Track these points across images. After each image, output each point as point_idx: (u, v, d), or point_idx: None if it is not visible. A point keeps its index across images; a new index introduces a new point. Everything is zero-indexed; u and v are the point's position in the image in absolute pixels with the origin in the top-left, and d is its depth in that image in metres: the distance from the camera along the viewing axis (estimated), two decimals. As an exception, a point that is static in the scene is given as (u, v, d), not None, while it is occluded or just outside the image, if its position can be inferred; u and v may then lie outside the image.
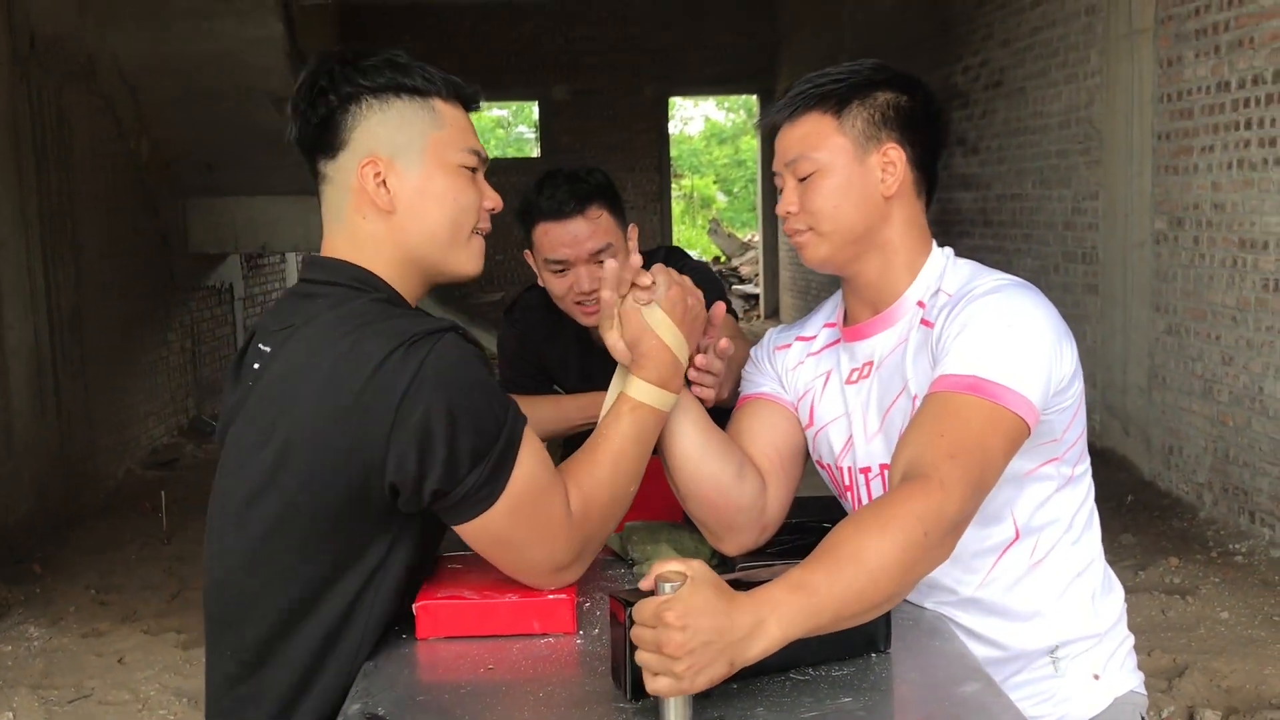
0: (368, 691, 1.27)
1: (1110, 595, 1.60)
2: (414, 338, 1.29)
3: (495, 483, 1.32)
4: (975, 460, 1.31)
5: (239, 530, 1.39)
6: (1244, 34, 4.94)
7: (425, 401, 1.28)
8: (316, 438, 1.31)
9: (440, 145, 1.45)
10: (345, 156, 1.43)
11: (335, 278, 1.42)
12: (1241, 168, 5.00)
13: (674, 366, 1.48)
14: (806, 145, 1.51)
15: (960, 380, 1.38)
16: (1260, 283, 4.91)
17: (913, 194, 1.54)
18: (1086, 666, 1.55)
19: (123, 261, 7.04)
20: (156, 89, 7.01)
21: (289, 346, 1.36)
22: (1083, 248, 6.55)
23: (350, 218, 1.44)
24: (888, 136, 1.51)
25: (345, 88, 1.42)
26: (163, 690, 3.94)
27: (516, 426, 1.35)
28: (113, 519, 6.07)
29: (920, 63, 9.11)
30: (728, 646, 1.12)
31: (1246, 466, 5.07)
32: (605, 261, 1.55)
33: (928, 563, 1.26)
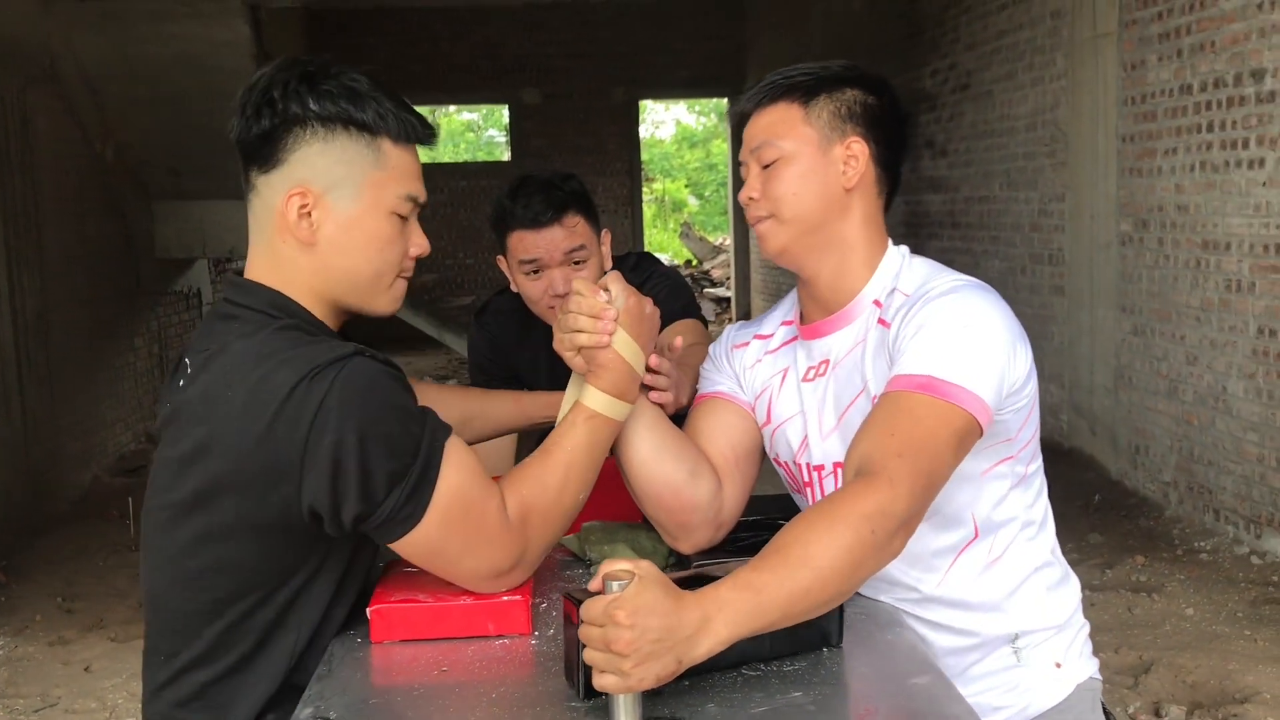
0: (321, 695, 1.26)
1: (1067, 585, 1.62)
2: (317, 368, 1.29)
3: (417, 501, 1.33)
4: (924, 458, 1.32)
5: (170, 549, 1.39)
6: (1205, 38, 5.00)
7: (333, 430, 1.28)
8: (235, 469, 1.32)
9: (378, 187, 1.42)
10: (277, 176, 1.41)
11: (251, 302, 1.41)
12: (1204, 170, 5.05)
13: (630, 376, 1.49)
14: (772, 132, 1.54)
15: (913, 380, 1.39)
16: (1223, 283, 4.96)
17: (873, 191, 1.56)
18: (1048, 655, 1.57)
19: (89, 266, 6.98)
20: (121, 92, 6.95)
21: (207, 372, 1.36)
22: (1049, 249, 6.60)
23: (272, 238, 1.42)
24: (852, 130, 1.54)
25: (293, 107, 1.39)
26: (130, 698, 3.91)
27: (435, 442, 1.35)
28: (79, 526, 6.02)
29: (888, 66, 9.15)
30: (675, 645, 1.13)
31: (1211, 465, 5.12)
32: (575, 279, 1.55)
33: (875, 560, 1.26)
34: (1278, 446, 4.65)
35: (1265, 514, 4.76)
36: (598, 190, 13.77)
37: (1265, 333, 4.70)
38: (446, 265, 13.50)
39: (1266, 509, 4.74)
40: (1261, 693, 3.56)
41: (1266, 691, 3.56)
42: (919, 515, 1.32)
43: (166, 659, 1.42)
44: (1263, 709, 3.46)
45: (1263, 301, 4.70)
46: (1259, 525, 4.80)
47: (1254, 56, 4.66)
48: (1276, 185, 4.56)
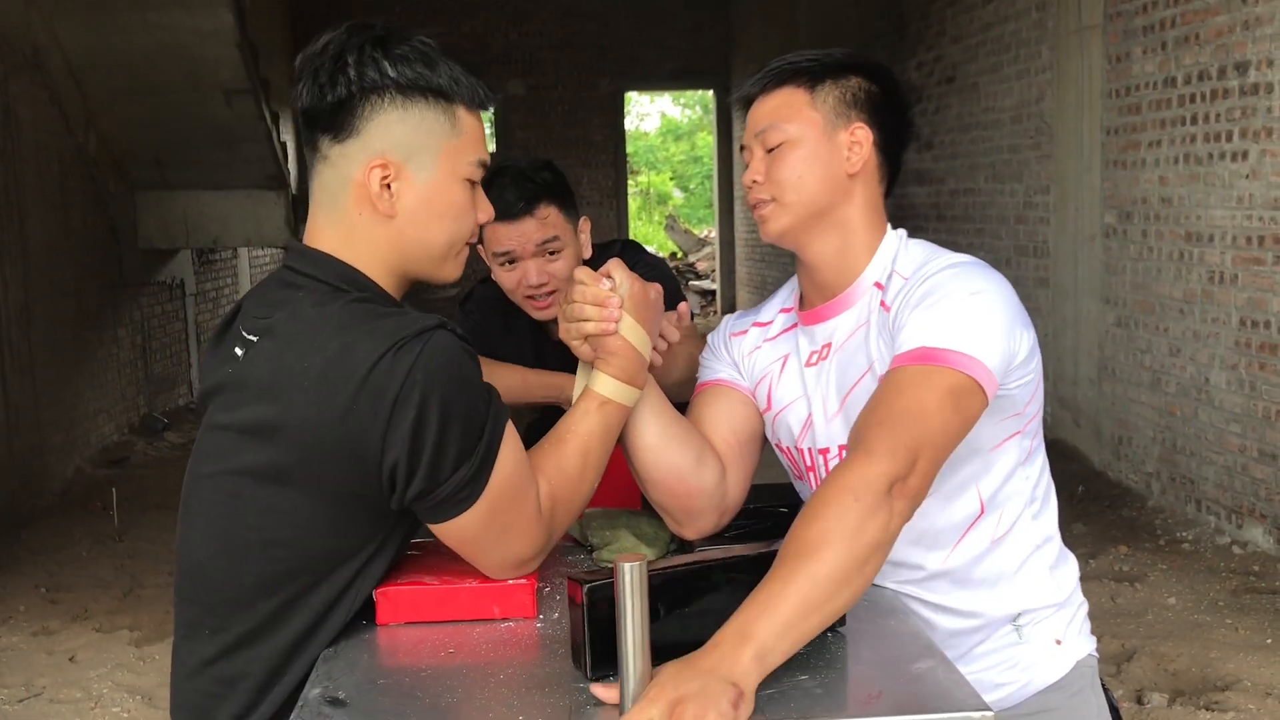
0: (328, 675, 1.26)
1: (1066, 565, 1.63)
2: (403, 340, 1.27)
3: (476, 484, 1.32)
4: (905, 420, 1.32)
5: (228, 520, 1.36)
6: (1189, 30, 5.03)
7: (417, 404, 1.26)
8: (312, 442, 1.28)
9: (453, 155, 1.40)
10: (354, 146, 1.37)
11: (320, 273, 1.38)
12: (1188, 162, 5.09)
13: (638, 361, 1.49)
14: (778, 116, 1.55)
15: (908, 355, 1.40)
16: (1206, 275, 5.00)
17: (875, 177, 1.57)
18: (1049, 632, 1.58)
19: (72, 257, 6.94)
20: (104, 81, 6.91)
21: (275, 341, 1.32)
22: (1034, 241, 6.63)
23: (347, 209, 1.39)
24: (857, 117, 1.55)
25: (371, 74, 1.35)
26: (115, 688, 3.90)
27: (499, 424, 1.34)
28: (63, 517, 5.99)
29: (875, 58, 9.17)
30: (708, 675, 1.12)
31: (1193, 456, 5.17)
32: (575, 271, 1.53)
33: (874, 525, 1.24)
34: (1259, 437, 4.70)
35: (1247, 504, 4.80)
36: (583, 182, 13.75)
37: (1247, 324, 4.74)
38: (430, 257, 13.45)
39: (1248, 499, 4.79)
40: (1242, 680, 3.60)
41: (1247, 679, 3.60)
42: (914, 475, 1.29)
43: (213, 633, 1.38)
44: (1243, 696, 3.49)
45: (1245, 293, 4.74)
46: (1240, 515, 4.85)
47: (1238, 49, 4.70)
48: (1259, 177, 4.60)
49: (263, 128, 7.36)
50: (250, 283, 10.81)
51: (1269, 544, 4.67)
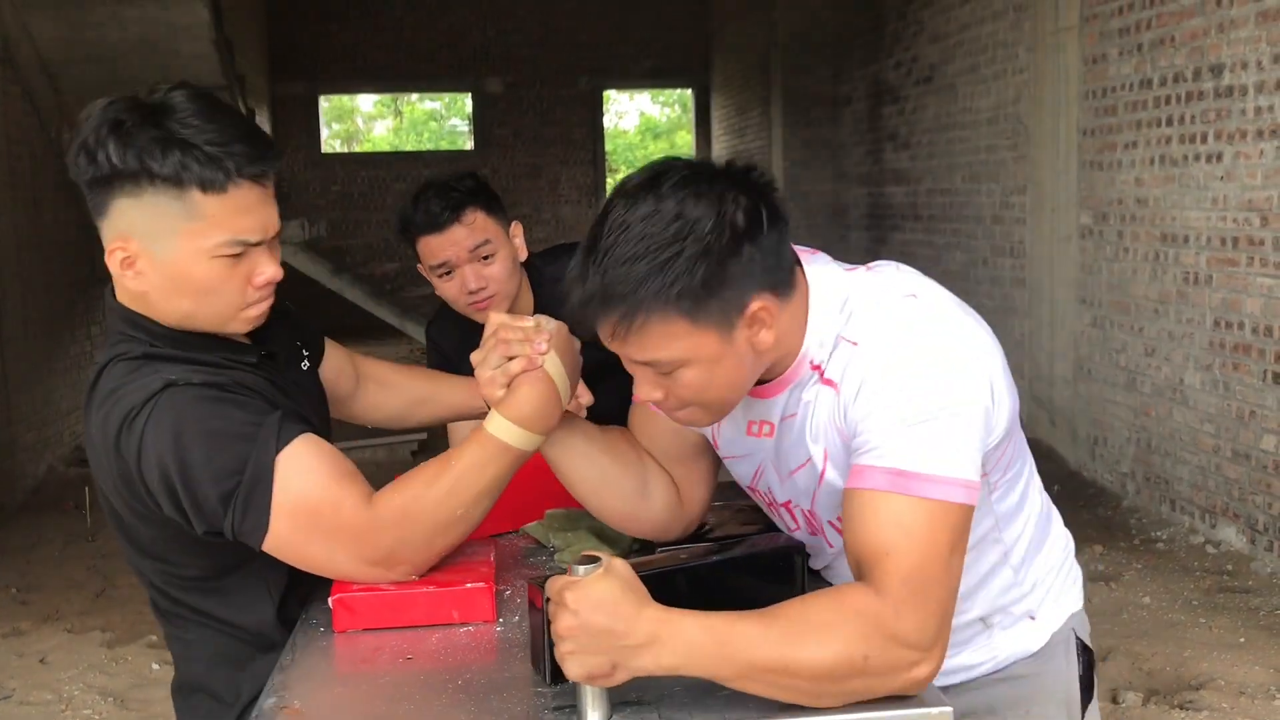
0: (285, 685, 1.25)
1: (1041, 551, 1.55)
2: (133, 410, 1.36)
3: (256, 514, 1.35)
4: (931, 580, 1.22)
5: (131, 551, 1.51)
6: (1165, 33, 5.05)
7: (157, 465, 1.35)
8: (116, 496, 1.43)
9: (194, 237, 1.38)
10: (103, 224, 1.41)
11: (114, 323, 1.47)
12: (1163, 163, 5.11)
13: (551, 405, 1.43)
14: (658, 350, 1.26)
15: (886, 476, 1.24)
16: (1181, 276, 5.02)
17: (786, 306, 1.31)
18: (1020, 614, 1.53)
19: (44, 254, 6.87)
20: (77, 77, 6.85)
21: (91, 401, 1.45)
22: (1010, 242, 6.65)
23: (117, 275, 1.45)
24: (748, 295, 1.25)
25: (100, 160, 1.36)
26: (87, 690, 3.86)
27: (266, 453, 1.35)
28: (34, 517, 5.94)
29: (852, 58, 9.20)
30: (615, 649, 1.12)
31: (1168, 456, 5.19)
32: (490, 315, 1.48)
33: (863, 684, 1.18)
34: (1233, 437, 4.72)
35: (1220, 504, 4.82)
36: (561, 180, 13.73)
37: (1221, 325, 4.76)
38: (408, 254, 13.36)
39: (1221, 499, 4.81)
40: (1216, 679, 3.61)
41: (1221, 678, 3.62)
42: (941, 638, 1.22)
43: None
44: (1217, 695, 3.51)
45: (1219, 294, 4.76)
46: (1214, 515, 4.87)
47: (1212, 51, 4.72)
48: (1234, 179, 4.62)
49: (238, 124, 7.30)
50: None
51: (1242, 543, 4.69)
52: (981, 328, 1.37)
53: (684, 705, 1.18)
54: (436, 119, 23.32)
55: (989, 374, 1.31)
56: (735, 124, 13.18)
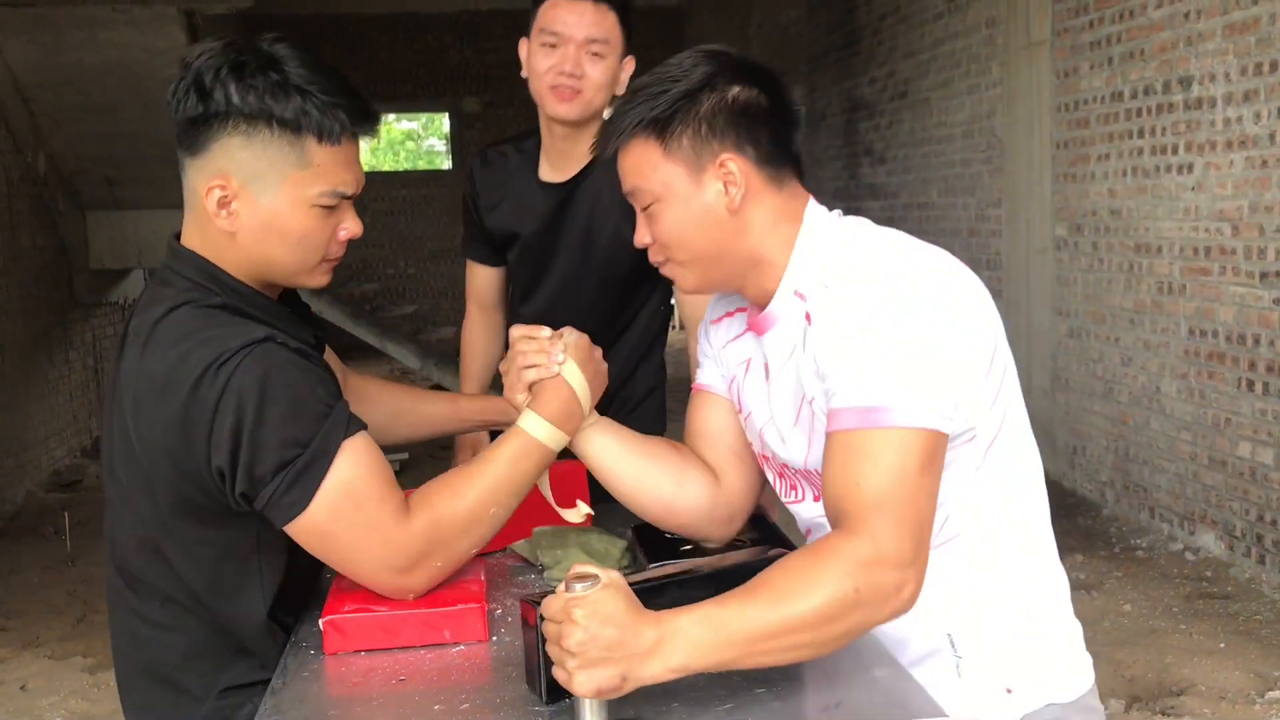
0: (278, 709, 1.25)
1: (1034, 595, 1.52)
2: (227, 353, 1.33)
3: (301, 489, 1.35)
4: (901, 499, 1.24)
5: (131, 513, 1.46)
6: (1135, 46, 5.11)
7: (234, 411, 1.32)
8: (158, 442, 1.37)
9: (300, 184, 1.41)
10: (201, 162, 1.41)
11: (183, 269, 1.44)
12: (1136, 175, 5.17)
13: (573, 406, 1.51)
14: (637, 176, 1.41)
15: (855, 414, 1.27)
16: (1155, 285, 5.07)
17: (768, 191, 1.40)
18: (995, 676, 1.46)
19: (20, 278, 6.83)
20: (53, 100, 6.82)
21: (140, 340, 1.41)
22: (987, 254, 6.70)
23: (201, 216, 1.44)
24: (720, 146, 1.37)
25: (217, 98, 1.38)
26: (69, 716, 3.83)
27: (329, 440, 1.36)
28: (13, 542, 5.88)
29: (827, 75, 9.26)
30: (624, 659, 1.13)
31: (1146, 464, 5.23)
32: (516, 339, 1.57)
33: (860, 615, 1.20)
34: (1209, 445, 4.77)
35: (1198, 511, 4.87)
36: (539, 198, 13.70)
37: (1196, 333, 4.81)
38: (388, 274, 13.39)
39: (1199, 506, 4.85)
40: (1197, 685, 3.64)
41: (1202, 684, 3.65)
42: (914, 559, 1.24)
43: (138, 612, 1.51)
44: (1198, 701, 3.54)
45: (1193, 303, 4.81)
46: (1192, 522, 4.91)
47: (1182, 64, 4.78)
48: (1205, 190, 4.68)
49: (215, 146, 7.29)
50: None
51: (1220, 550, 4.73)
52: (965, 272, 1.40)
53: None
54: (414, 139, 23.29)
55: (957, 295, 1.34)
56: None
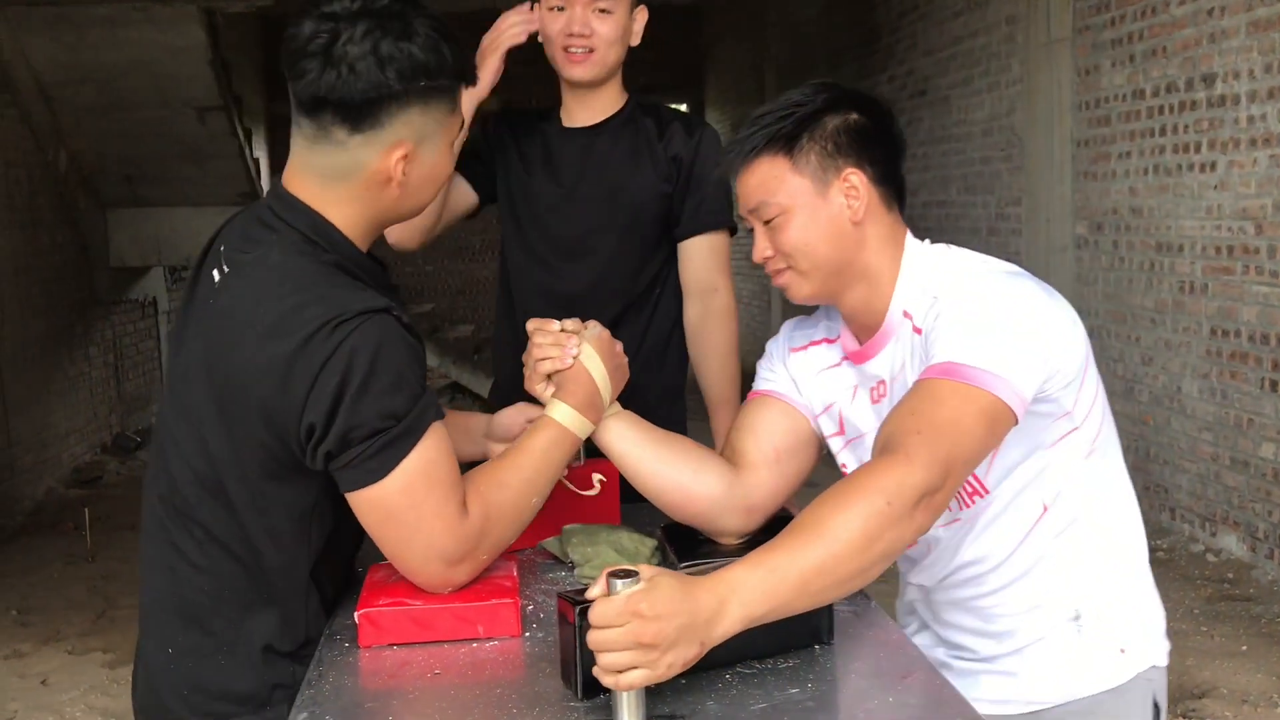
0: (314, 700, 1.25)
1: (1137, 568, 1.63)
2: (345, 315, 1.33)
3: (386, 457, 1.35)
4: (944, 435, 1.31)
5: (195, 447, 1.43)
6: (1157, 43, 5.09)
7: (341, 372, 1.32)
8: (249, 385, 1.36)
9: (450, 130, 1.48)
10: (374, 137, 1.41)
11: (293, 219, 1.44)
12: (1157, 173, 5.14)
13: (595, 395, 1.58)
14: (764, 191, 1.52)
15: (936, 368, 1.39)
16: (1177, 285, 5.05)
17: (882, 210, 1.54)
18: (1111, 637, 1.56)
19: (42, 276, 6.87)
20: (74, 98, 6.85)
21: (242, 282, 1.40)
22: (1006, 253, 6.67)
23: (349, 185, 1.43)
24: (845, 162, 1.51)
25: (401, 79, 1.38)
26: (89, 711, 3.85)
27: (422, 419, 1.38)
28: (34, 539, 5.92)
29: (846, 72, 9.24)
30: (697, 628, 1.15)
31: (1166, 464, 5.21)
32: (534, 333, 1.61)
33: (894, 534, 1.25)
34: (1231, 445, 4.74)
35: (1220, 512, 4.84)
36: (555, 196, 13.70)
37: (1218, 333, 4.79)
38: (406, 272, 13.40)
39: (1221, 507, 4.83)
40: (1219, 688, 3.63)
41: (1224, 686, 3.63)
42: (937, 489, 1.29)
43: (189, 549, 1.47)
44: (1220, 704, 3.52)
45: (1215, 302, 4.79)
46: (1214, 523, 4.89)
47: (1205, 61, 4.76)
48: (1228, 188, 4.65)
49: (235, 145, 7.32)
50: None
51: (1242, 551, 4.71)
52: (1052, 290, 1.51)
53: (717, 718, 1.18)
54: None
55: (1055, 303, 1.45)
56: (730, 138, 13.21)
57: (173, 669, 1.49)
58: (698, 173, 2.20)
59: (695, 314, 2.26)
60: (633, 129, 2.24)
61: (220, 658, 1.46)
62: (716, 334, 2.26)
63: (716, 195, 2.22)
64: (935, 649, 1.66)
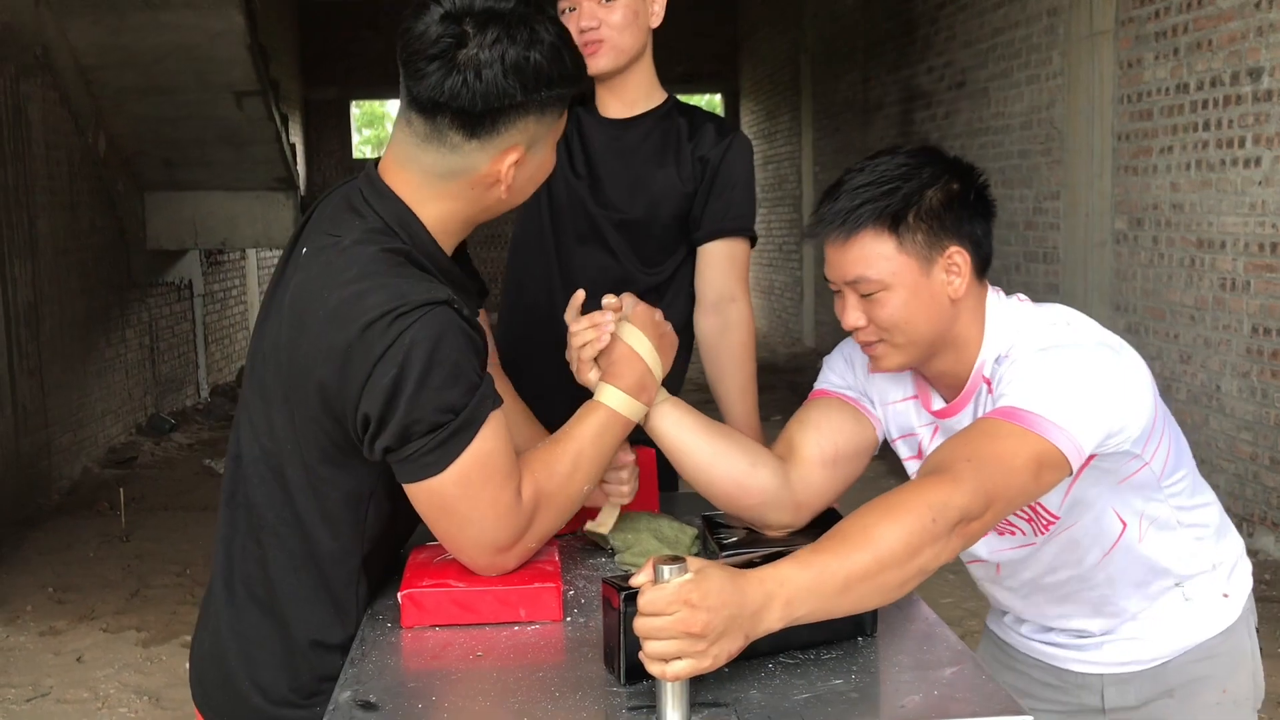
0: (357, 679, 1.26)
1: (1228, 533, 1.70)
2: (405, 306, 1.31)
3: (443, 452, 1.34)
4: (993, 468, 1.32)
5: (262, 425, 1.45)
6: (1202, 36, 5.02)
7: (399, 364, 1.31)
8: (311, 368, 1.36)
9: (555, 131, 1.47)
10: (489, 142, 1.39)
11: (380, 206, 1.42)
12: (1200, 168, 5.08)
13: (646, 374, 1.55)
14: (866, 265, 1.48)
15: (999, 411, 1.40)
16: (1218, 282, 4.99)
17: (975, 281, 1.53)
18: (1214, 589, 1.66)
19: (80, 257, 6.94)
20: (114, 82, 6.92)
21: (316, 262, 1.40)
22: (1044, 247, 6.62)
23: (456, 185, 1.42)
24: (949, 240, 1.49)
25: (525, 90, 1.36)
26: (122, 688, 3.89)
27: (479, 410, 1.36)
28: (70, 518, 5.99)
29: (884, 63, 9.18)
30: (744, 621, 1.15)
31: (1204, 464, 5.15)
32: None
33: (934, 550, 1.26)
34: (1271, 445, 4.68)
35: (1258, 513, 4.78)
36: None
37: (1260, 331, 4.73)
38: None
39: (1259, 508, 4.77)
40: (1257, 688, 3.58)
41: (1262, 687, 3.59)
42: (979, 521, 1.30)
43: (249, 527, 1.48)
44: (1258, 704, 3.48)
45: (1257, 300, 4.73)
46: (1252, 524, 4.83)
47: (1251, 55, 4.69)
48: (1272, 184, 4.59)
49: (272, 129, 7.36)
50: (259, 284, 10.81)
51: (1281, 552, 4.66)
52: (1124, 348, 1.51)
53: (760, 707, 1.18)
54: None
55: (1124, 379, 1.45)
56: (765, 128, 13.17)
57: (226, 641, 1.51)
58: (723, 176, 2.16)
59: (712, 325, 2.19)
60: (665, 126, 2.21)
61: (272, 645, 1.47)
62: (737, 346, 2.19)
63: (741, 202, 2.18)
64: (1041, 635, 1.72)
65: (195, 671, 1.59)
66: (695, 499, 1.81)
